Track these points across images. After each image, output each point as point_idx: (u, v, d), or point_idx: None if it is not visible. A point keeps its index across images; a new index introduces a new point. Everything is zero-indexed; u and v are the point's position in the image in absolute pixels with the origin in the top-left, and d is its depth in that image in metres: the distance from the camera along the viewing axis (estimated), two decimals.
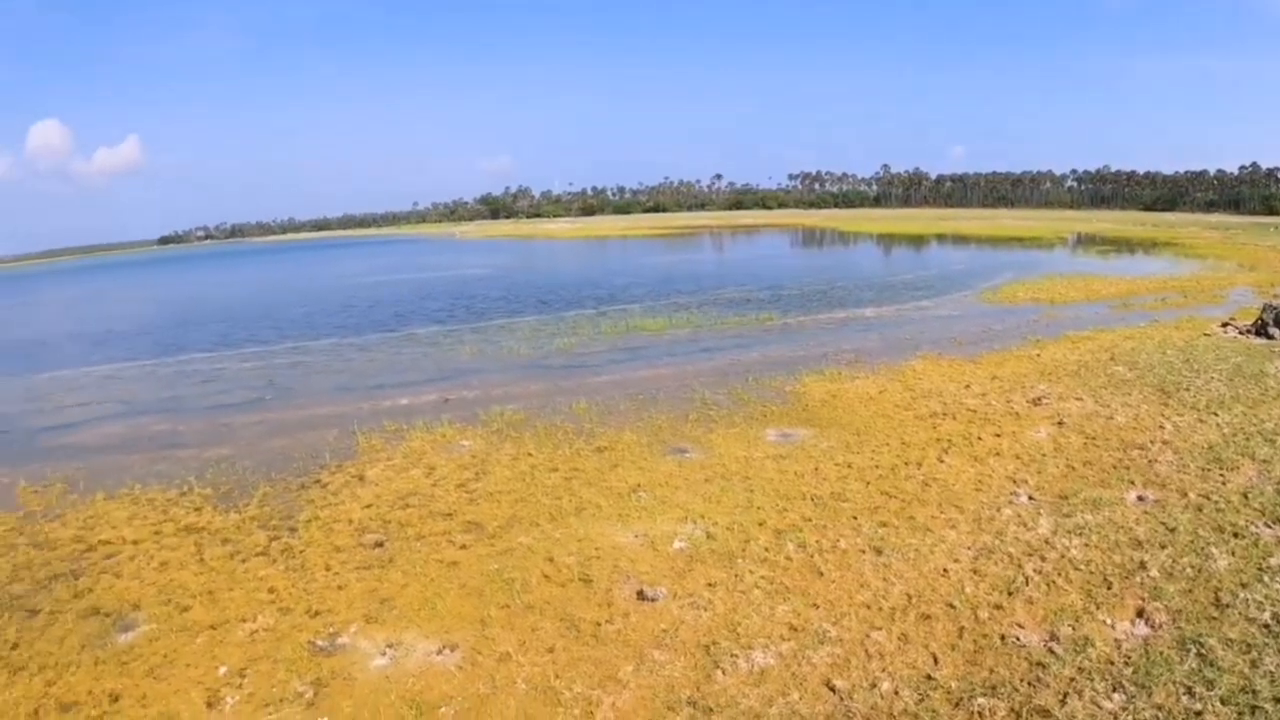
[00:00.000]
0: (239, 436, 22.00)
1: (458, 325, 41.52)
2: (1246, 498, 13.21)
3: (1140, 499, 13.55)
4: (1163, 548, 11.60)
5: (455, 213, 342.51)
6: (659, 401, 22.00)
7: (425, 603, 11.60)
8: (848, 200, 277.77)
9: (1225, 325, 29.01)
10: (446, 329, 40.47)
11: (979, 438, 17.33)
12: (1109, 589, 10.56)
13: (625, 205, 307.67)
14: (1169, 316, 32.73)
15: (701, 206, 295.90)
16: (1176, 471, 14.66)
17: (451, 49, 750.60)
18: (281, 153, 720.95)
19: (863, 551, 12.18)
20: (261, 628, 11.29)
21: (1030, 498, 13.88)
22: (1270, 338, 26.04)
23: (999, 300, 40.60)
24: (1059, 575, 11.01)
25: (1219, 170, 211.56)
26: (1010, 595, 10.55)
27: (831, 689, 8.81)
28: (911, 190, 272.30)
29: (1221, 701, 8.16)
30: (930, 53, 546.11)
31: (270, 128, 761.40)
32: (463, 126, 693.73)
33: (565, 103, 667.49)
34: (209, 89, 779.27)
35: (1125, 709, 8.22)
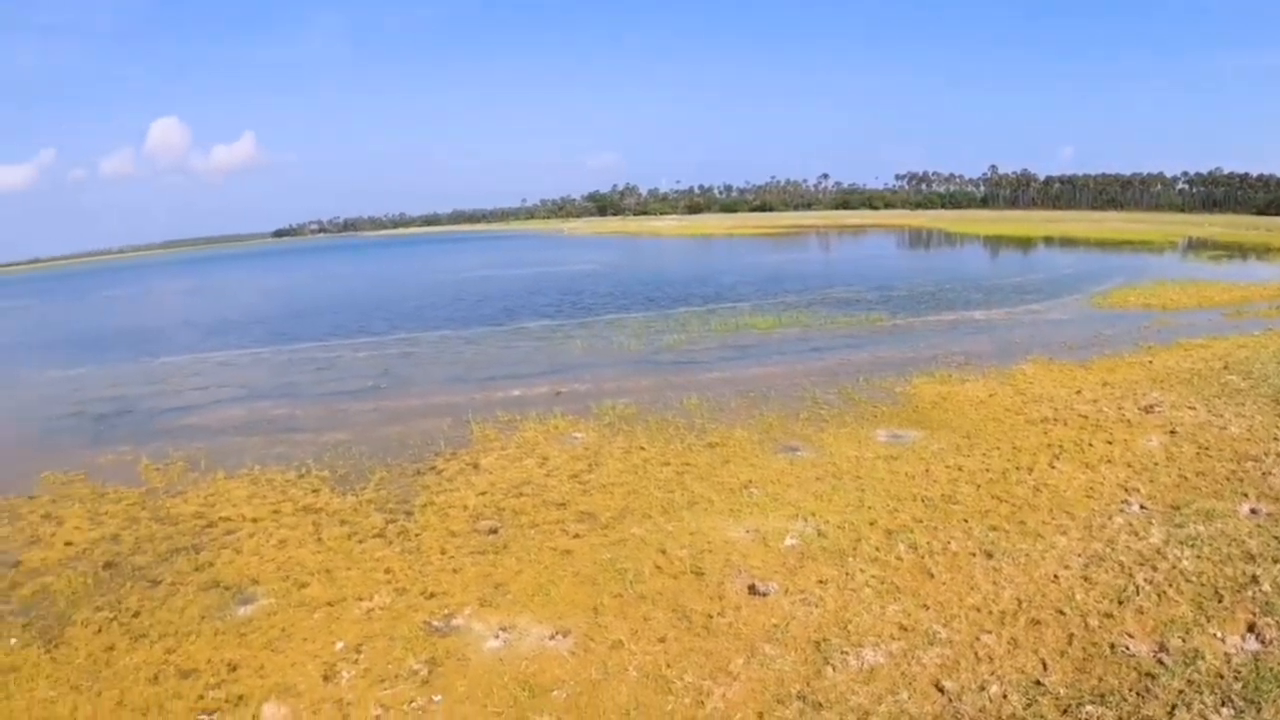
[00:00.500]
0: (355, 422, 22.73)
1: (566, 320, 42.06)
2: None
3: (1253, 512, 13.07)
4: (1275, 562, 11.19)
5: (563, 209, 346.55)
6: (770, 399, 21.98)
7: (539, 589, 11.82)
8: (954, 201, 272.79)
9: None
10: (555, 324, 41.00)
11: (1090, 444, 16.94)
12: (1220, 602, 10.25)
13: (732, 204, 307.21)
14: None
15: (808, 206, 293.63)
16: None
17: (559, 48, 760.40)
18: (393, 150, 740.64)
19: (973, 554, 12.04)
20: (377, 606, 11.66)
21: (1142, 506, 13.53)
22: None
23: (1109, 305, 39.43)
24: (1170, 586, 10.73)
25: None
26: (1120, 604, 10.32)
27: (940, 690, 8.75)
28: (1019, 191, 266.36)
29: None
30: (1041, 52, 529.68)
31: (382, 126, 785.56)
32: (571, 124, 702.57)
33: (673, 101, 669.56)
34: (322, 89, 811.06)
35: None
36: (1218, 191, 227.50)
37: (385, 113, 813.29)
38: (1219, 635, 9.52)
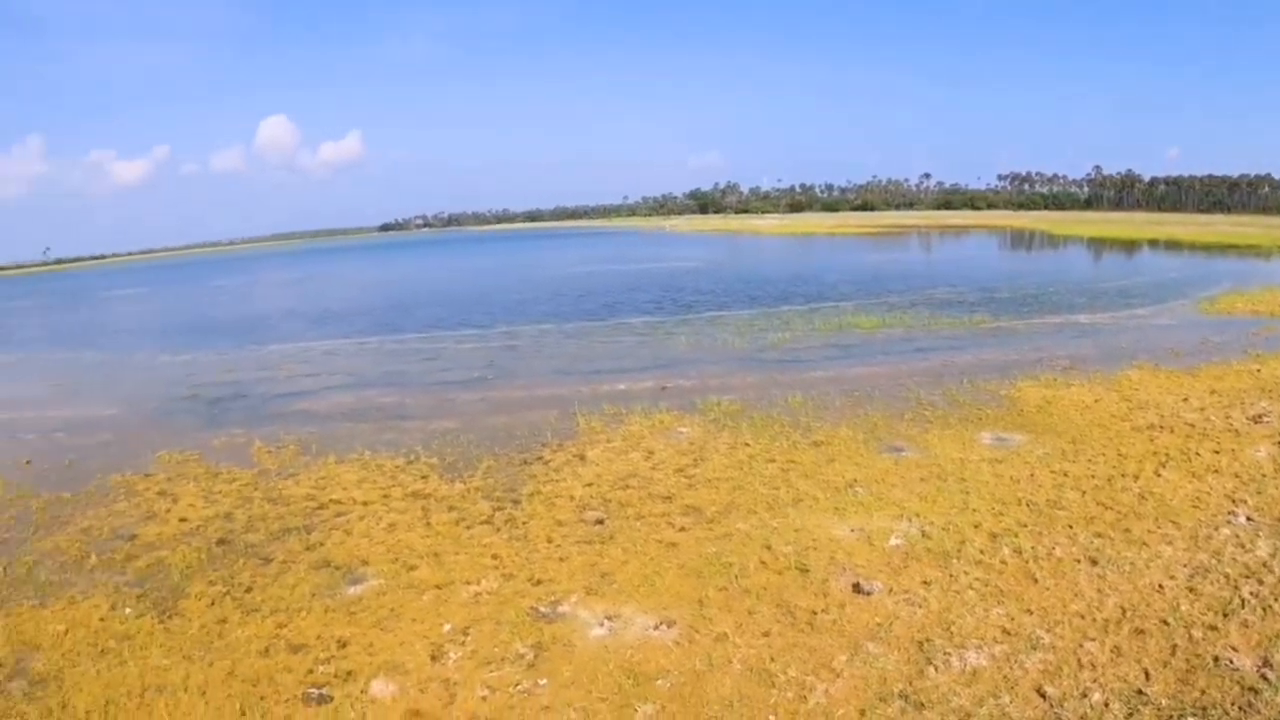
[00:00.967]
0: (462, 412, 23.14)
1: (667, 316, 42.25)
2: None
3: None
4: None
5: (664, 207, 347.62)
6: (874, 399, 21.78)
7: (644, 580, 11.90)
8: (1057, 202, 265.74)
9: None
10: (657, 320, 41.21)
11: (1197, 453, 16.39)
12: None
13: (833, 203, 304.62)
14: None
15: (909, 205, 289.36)
16: None
17: (661, 46, 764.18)
18: (497, 147, 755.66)
19: (1078, 561, 11.78)
20: (485, 591, 11.86)
21: (1249, 518, 13.05)
22: None
23: (1217, 311, 37.95)
24: (1276, 600, 10.32)
25: None
26: (1225, 617, 9.99)
27: (1042, 695, 8.60)
28: (1123, 193, 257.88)
29: None
30: (1148, 52, 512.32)
31: (486, 123, 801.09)
32: (672, 122, 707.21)
33: (775, 100, 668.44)
34: (428, 88, 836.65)
35: None
36: None
37: (489, 111, 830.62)
38: None
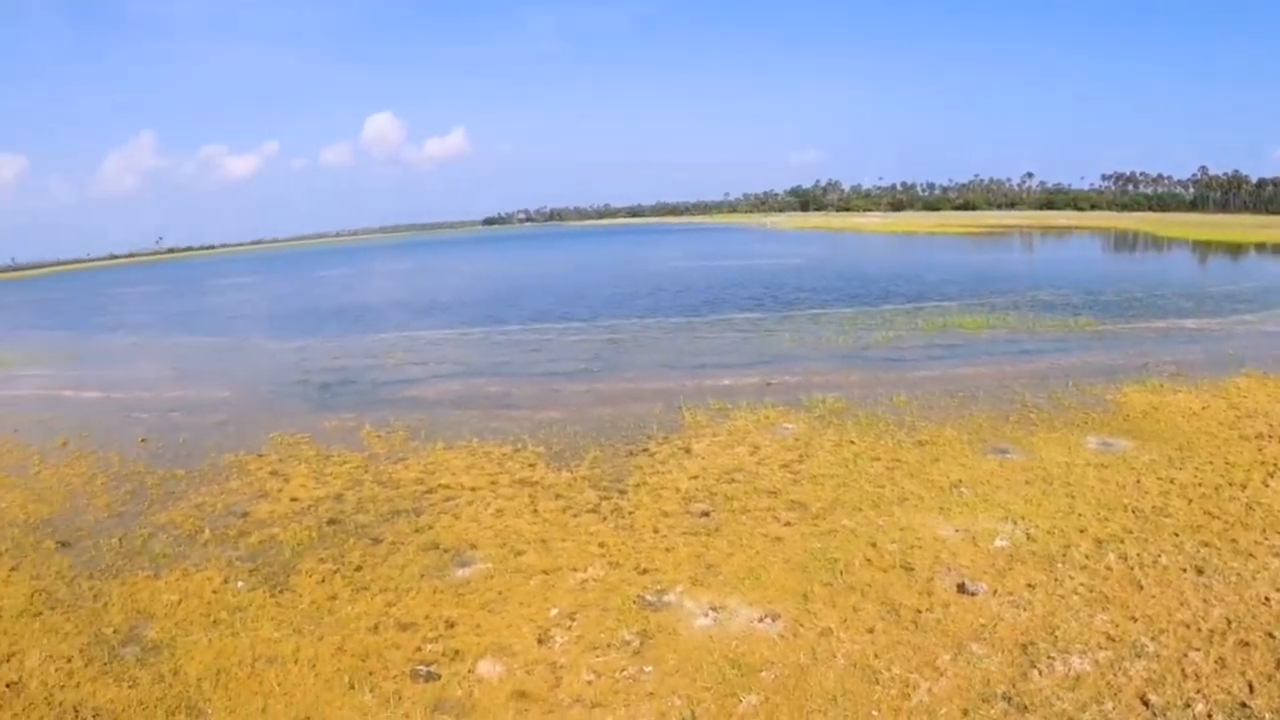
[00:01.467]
0: (568, 402, 23.44)
1: (769, 313, 42.07)
2: None
3: None
4: None
5: (765, 204, 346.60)
6: (978, 400, 21.43)
7: (750, 573, 11.90)
8: (1161, 203, 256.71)
9: None
10: (758, 316, 41.09)
11: None
12: None
13: (934, 202, 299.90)
14: None
15: (1011, 205, 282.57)
16: None
17: (761, 43, 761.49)
18: (599, 142, 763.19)
19: (1184, 570, 11.45)
20: (591, 578, 12.00)
21: None
22: None
23: None
24: None
25: None
26: None
27: (1145, 703, 8.42)
28: (1230, 194, 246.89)
29: None
30: (1255, 49, 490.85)
31: (587, 120, 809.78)
32: (773, 119, 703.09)
33: (876, 97, 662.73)
34: (530, 86, 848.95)
35: None
36: None
37: (591, 107, 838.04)
38: None
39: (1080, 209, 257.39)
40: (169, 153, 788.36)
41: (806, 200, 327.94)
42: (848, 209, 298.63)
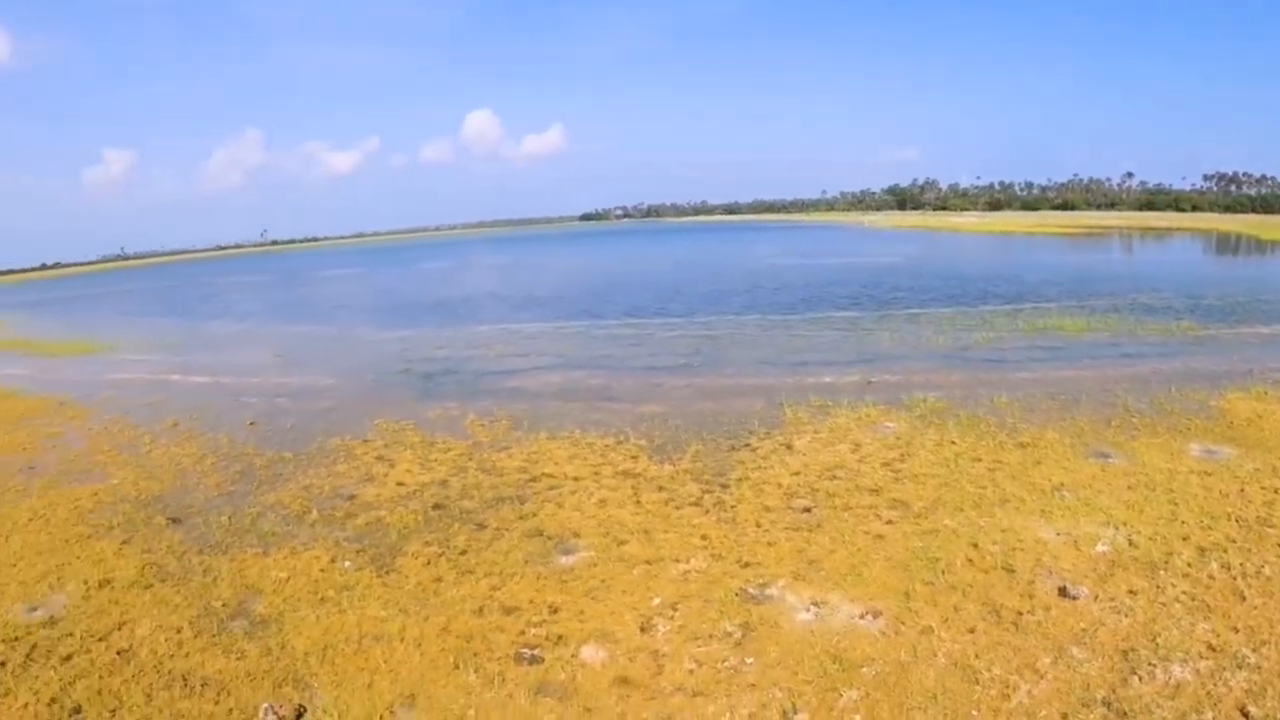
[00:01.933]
0: (669, 396, 23.57)
1: (866, 312, 41.60)
2: None
3: None
4: None
5: (862, 202, 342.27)
6: (1080, 403, 20.94)
7: (851, 569, 11.87)
8: (1266, 205, 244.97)
9: None
10: (857, 314, 40.67)
11: None
12: None
13: (1032, 201, 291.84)
14: None
15: (1111, 206, 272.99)
16: None
17: (858, 39, 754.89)
18: (695, 139, 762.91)
19: None
20: (694, 569, 12.08)
21: None
22: None
23: None
24: None
25: None
26: None
27: (1245, 715, 8.22)
28: None
29: None
30: None
31: (682, 117, 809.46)
32: (870, 117, 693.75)
33: (974, 95, 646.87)
34: (625, 83, 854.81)
35: None
36: None
37: (690, 104, 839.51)
38: None
39: (1181, 210, 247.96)
40: (273, 149, 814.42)
41: (903, 199, 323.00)
42: (945, 208, 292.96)
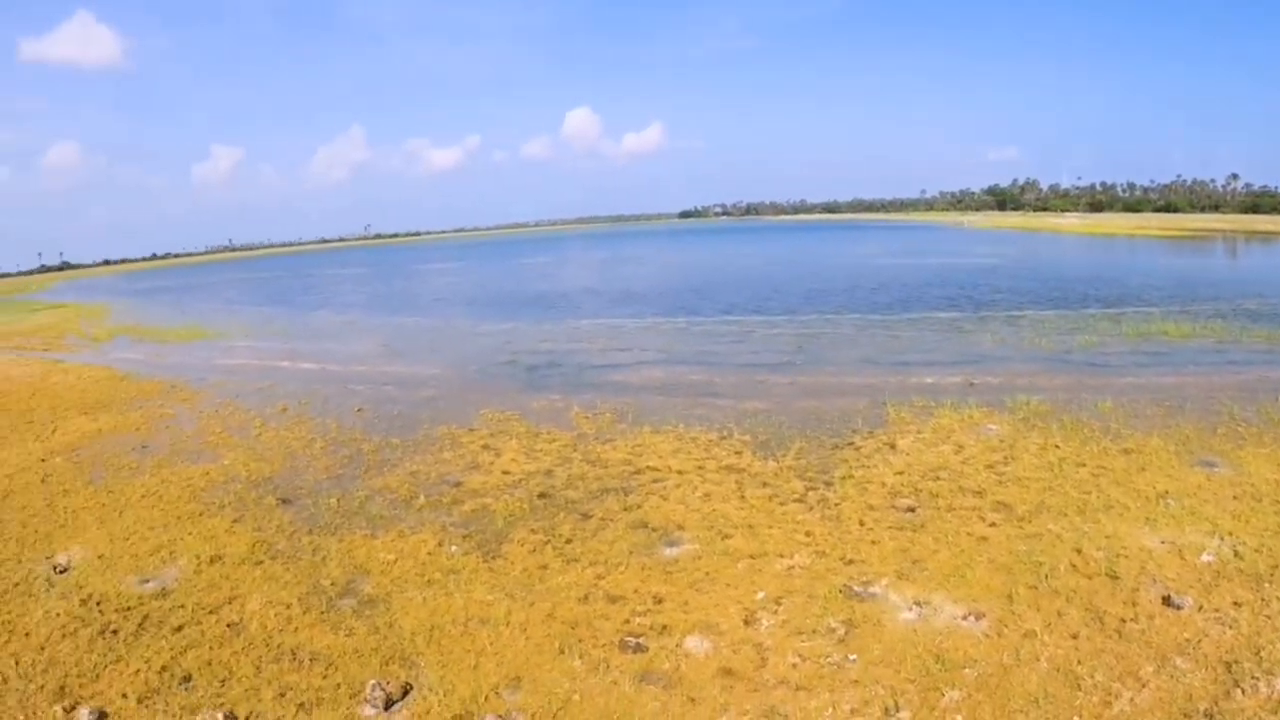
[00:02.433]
0: (772, 394, 23.52)
1: (967, 312, 40.98)
2: None
3: None
4: None
5: (961, 202, 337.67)
6: (1185, 410, 20.34)
7: (955, 570, 11.79)
8: None
9: None
10: (957, 315, 40.08)
11: None
12: None
13: (1134, 203, 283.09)
14: None
15: (1215, 208, 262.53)
16: None
17: (957, 40, 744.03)
18: (794, 137, 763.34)
19: None
20: (797, 565, 12.10)
21: None
22: None
23: None
24: None
25: None
26: None
27: None
28: None
29: None
30: None
31: (781, 116, 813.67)
32: (970, 116, 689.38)
33: (1075, 94, 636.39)
34: (724, 82, 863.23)
35: None
36: None
37: (789, 103, 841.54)
38: None
39: None
40: (376, 145, 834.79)
41: (1003, 199, 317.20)
42: (1045, 209, 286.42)
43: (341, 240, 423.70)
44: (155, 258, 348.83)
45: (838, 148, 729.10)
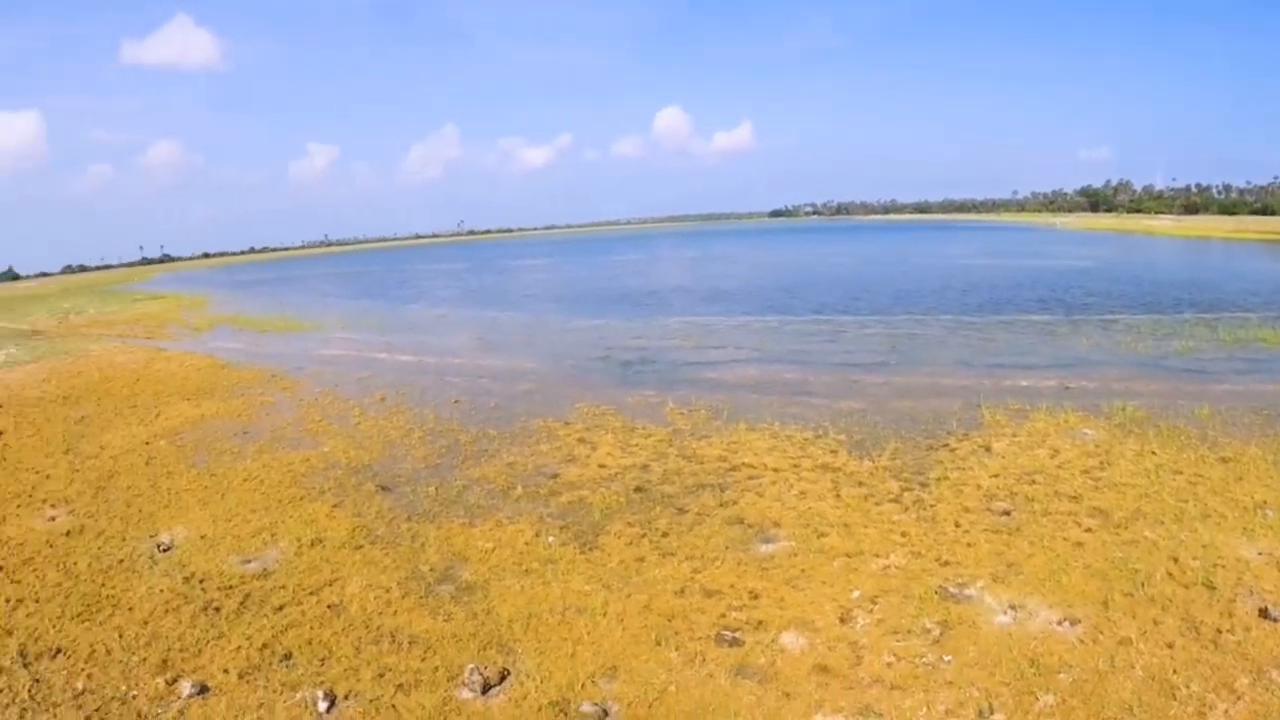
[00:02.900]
0: (867, 394, 23.44)
1: (1059, 316, 40.02)
2: None
3: None
4: None
5: (1054, 203, 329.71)
6: None
7: (1050, 575, 11.68)
8: None
9: None
10: (1049, 318, 39.24)
11: None
12: None
13: (1230, 205, 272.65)
14: None
15: None
16: None
17: (1051, 40, 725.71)
18: (885, 137, 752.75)
19: None
20: (893, 565, 12.10)
21: None
22: None
23: None
24: None
25: None
26: None
27: None
28: None
29: None
30: None
31: (872, 115, 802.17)
32: (1062, 117, 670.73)
33: (1170, 95, 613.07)
34: (814, 81, 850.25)
35: None
36: None
37: (880, 102, 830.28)
38: None
39: None
40: (469, 143, 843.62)
41: (1096, 200, 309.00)
42: (1139, 210, 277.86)
43: (434, 236, 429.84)
44: (252, 251, 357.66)
45: (929, 147, 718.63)
